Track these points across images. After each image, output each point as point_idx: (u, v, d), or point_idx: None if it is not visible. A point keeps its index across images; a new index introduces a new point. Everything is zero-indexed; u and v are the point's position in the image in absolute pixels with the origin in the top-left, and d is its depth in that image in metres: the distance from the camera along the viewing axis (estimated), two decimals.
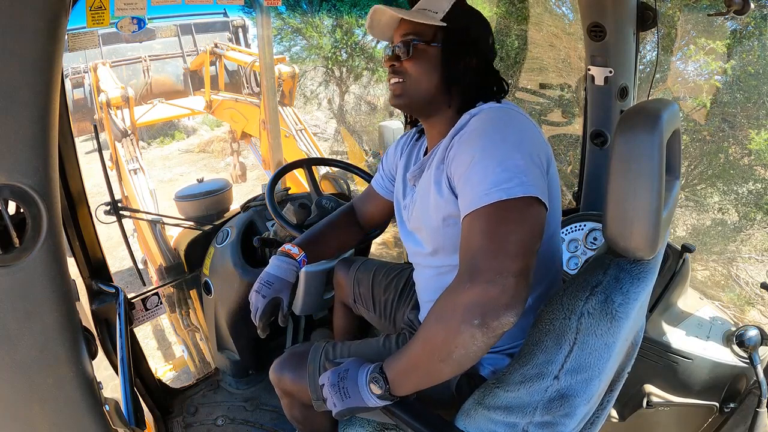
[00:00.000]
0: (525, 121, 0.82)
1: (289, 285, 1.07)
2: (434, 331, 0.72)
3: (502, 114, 0.83)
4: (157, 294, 1.61)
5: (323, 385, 0.88)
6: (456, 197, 0.81)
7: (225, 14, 8.75)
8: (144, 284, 1.94)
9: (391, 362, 0.80)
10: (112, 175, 4.37)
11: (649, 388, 1.42)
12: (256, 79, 5.95)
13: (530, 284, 0.70)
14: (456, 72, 0.90)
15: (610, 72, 1.51)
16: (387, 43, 1.00)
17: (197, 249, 1.80)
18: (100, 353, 1.23)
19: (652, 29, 1.48)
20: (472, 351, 0.69)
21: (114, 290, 1.29)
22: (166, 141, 10.70)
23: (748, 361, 1.31)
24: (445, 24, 0.88)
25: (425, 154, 1.02)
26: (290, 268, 1.08)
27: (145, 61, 8.75)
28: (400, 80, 0.92)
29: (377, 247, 5.08)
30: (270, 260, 1.09)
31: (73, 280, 0.61)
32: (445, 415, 0.86)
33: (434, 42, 0.90)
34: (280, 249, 1.11)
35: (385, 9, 0.91)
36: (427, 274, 0.99)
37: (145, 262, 3.69)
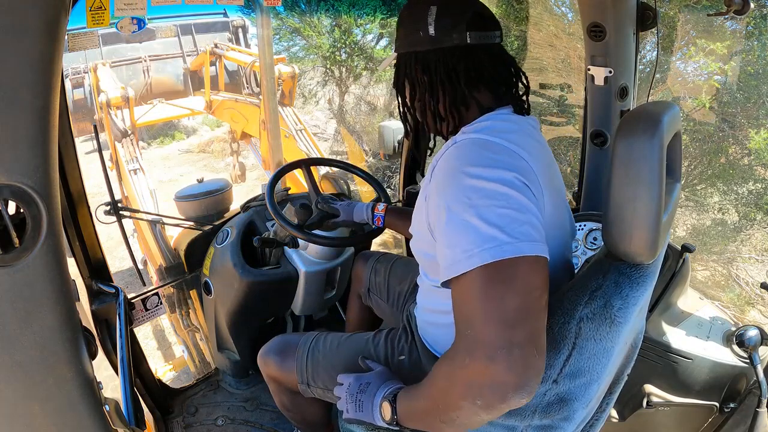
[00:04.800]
0: (499, 148, 0.69)
1: (351, 215, 1.26)
2: (437, 391, 0.68)
3: (471, 148, 0.70)
4: (157, 294, 1.60)
5: (342, 385, 0.86)
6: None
7: (225, 14, 8.77)
8: (144, 284, 1.93)
9: (405, 396, 0.77)
10: (112, 175, 4.37)
11: (649, 388, 1.42)
12: (256, 79, 5.94)
13: (543, 347, 0.59)
14: (438, 92, 0.81)
15: (610, 72, 1.51)
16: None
17: (197, 249, 1.80)
18: (100, 353, 1.23)
19: (652, 29, 1.47)
20: (476, 422, 0.64)
21: (114, 290, 1.29)
22: (166, 141, 10.68)
23: (748, 361, 1.31)
24: (396, 53, 0.87)
25: None
26: (367, 212, 1.24)
27: (145, 61, 8.75)
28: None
29: (377, 247, 5.08)
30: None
31: (73, 280, 0.61)
32: None
33: (417, 72, 0.83)
34: (373, 204, 1.25)
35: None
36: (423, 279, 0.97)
37: (145, 262, 3.68)
